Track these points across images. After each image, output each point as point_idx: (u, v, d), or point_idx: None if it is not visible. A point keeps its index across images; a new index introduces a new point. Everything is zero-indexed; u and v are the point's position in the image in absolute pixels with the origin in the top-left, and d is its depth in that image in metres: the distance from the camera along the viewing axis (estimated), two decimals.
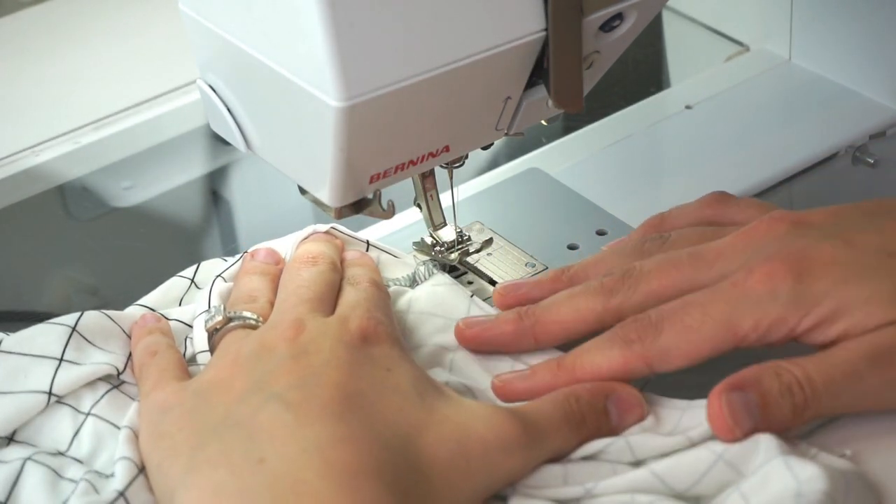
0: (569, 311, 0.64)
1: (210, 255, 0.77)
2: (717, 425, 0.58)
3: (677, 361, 0.61)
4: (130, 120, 0.94)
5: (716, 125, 0.87)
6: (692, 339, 0.61)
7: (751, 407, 0.58)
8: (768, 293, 0.60)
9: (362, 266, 0.70)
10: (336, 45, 0.57)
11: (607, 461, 0.59)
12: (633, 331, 0.62)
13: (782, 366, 0.59)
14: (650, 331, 0.61)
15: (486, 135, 0.68)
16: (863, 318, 0.59)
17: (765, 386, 0.59)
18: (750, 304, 0.60)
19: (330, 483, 0.54)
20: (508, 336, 0.65)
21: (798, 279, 0.60)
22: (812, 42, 0.90)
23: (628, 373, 0.62)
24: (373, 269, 0.70)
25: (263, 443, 0.56)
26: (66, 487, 0.60)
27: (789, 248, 0.62)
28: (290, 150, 0.65)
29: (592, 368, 0.62)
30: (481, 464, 0.57)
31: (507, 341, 0.65)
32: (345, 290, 0.67)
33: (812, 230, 0.63)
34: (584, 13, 0.62)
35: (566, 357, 0.63)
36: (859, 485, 0.57)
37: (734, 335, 0.60)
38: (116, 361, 0.65)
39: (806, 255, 0.61)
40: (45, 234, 0.94)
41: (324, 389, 0.58)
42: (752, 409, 0.58)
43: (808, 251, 0.61)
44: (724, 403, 0.58)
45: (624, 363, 0.62)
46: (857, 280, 0.60)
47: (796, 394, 0.59)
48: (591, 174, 0.82)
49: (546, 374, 0.63)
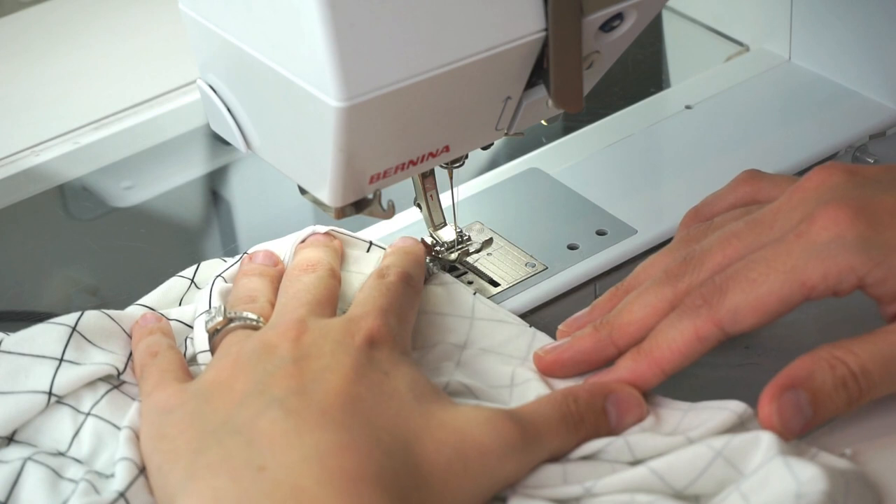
0: (642, 309, 0.63)
1: (210, 255, 0.77)
2: (769, 429, 0.58)
3: (748, 320, 0.59)
4: (130, 120, 0.94)
5: (716, 125, 0.87)
6: (760, 295, 0.59)
7: (802, 406, 0.57)
8: (835, 240, 0.58)
9: (404, 254, 0.69)
10: (336, 45, 0.57)
11: (606, 461, 0.59)
12: (699, 297, 0.60)
13: (836, 356, 0.58)
14: (716, 294, 0.60)
15: (486, 135, 0.68)
16: None
17: (817, 382, 0.58)
18: (816, 252, 0.59)
19: (330, 490, 0.54)
20: (589, 350, 0.64)
21: (867, 226, 0.58)
22: (812, 42, 0.90)
23: (703, 341, 0.60)
24: (415, 260, 0.69)
25: (264, 450, 0.56)
26: (66, 487, 0.60)
27: (851, 196, 0.60)
28: (290, 150, 0.65)
29: (669, 345, 0.60)
30: (479, 468, 0.57)
31: (588, 356, 0.64)
32: (367, 282, 0.66)
33: (869, 181, 0.61)
34: (584, 13, 0.62)
35: (643, 343, 0.62)
36: (859, 485, 0.57)
37: (802, 286, 0.59)
38: (117, 361, 0.65)
39: (869, 203, 0.59)
40: (45, 234, 0.94)
41: (324, 396, 0.58)
42: (803, 409, 0.57)
43: (871, 200, 0.59)
44: (775, 409, 0.57)
45: (695, 331, 0.60)
46: None
47: (851, 387, 0.58)
48: (591, 174, 0.82)
49: (630, 363, 0.62)
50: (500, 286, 0.73)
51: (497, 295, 0.72)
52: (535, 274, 0.73)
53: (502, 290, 0.73)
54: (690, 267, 0.62)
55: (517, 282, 0.73)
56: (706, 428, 0.59)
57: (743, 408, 0.60)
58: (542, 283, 0.73)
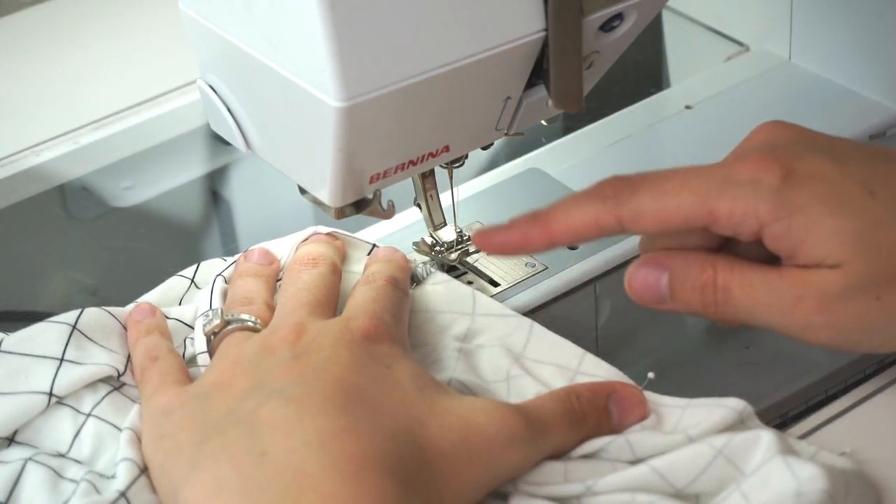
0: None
1: (210, 255, 0.77)
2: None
3: (648, 225, 0.61)
4: (130, 120, 0.94)
5: (716, 125, 0.87)
6: (666, 206, 0.60)
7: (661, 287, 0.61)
8: (751, 182, 0.60)
9: (386, 262, 0.69)
10: (336, 45, 0.57)
11: (607, 459, 0.59)
12: (610, 187, 0.61)
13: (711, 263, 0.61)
14: (626, 190, 0.61)
15: (486, 135, 0.68)
16: (818, 249, 0.59)
17: (680, 274, 0.61)
18: (731, 187, 0.60)
19: (333, 474, 0.54)
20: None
21: (783, 179, 0.59)
22: (812, 42, 0.90)
23: (599, 228, 0.61)
24: (397, 265, 0.69)
25: (265, 436, 0.56)
26: (66, 488, 0.60)
27: (783, 148, 0.61)
28: (289, 151, 0.65)
29: (566, 220, 0.62)
30: (484, 456, 0.57)
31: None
32: (356, 289, 0.67)
33: (810, 143, 0.62)
34: (584, 13, 0.62)
35: (542, 209, 0.63)
36: (859, 483, 0.58)
37: (709, 214, 0.60)
38: (117, 362, 0.65)
39: (796, 159, 0.60)
40: (45, 234, 0.94)
41: (325, 384, 0.58)
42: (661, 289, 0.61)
43: (799, 158, 0.60)
44: (632, 274, 0.62)
45: (596, 218, 0.61)
46: (833, 205, 0.59)
47: (707, 294, 0.60)
48: (591, 174, 0.82)
49: (522, 224, 0.63)
50: (500, 286, 0.73)
51: (497, 295, 0.72)
52: (535, 274, 0.73)
53: (502, 290, 0.73)
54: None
55: (517, 282, 0.73)
56: (706, 425, 0.59)
57: (742, 405, 0.60)
58: (542, 283, 0.73)
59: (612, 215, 0.61)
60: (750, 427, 0.60)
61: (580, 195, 0.62)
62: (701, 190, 0.60)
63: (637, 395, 0.61)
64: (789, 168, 0.60)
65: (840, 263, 0.58)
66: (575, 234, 0.62)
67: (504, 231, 0.63)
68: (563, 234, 0.62)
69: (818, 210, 0.59)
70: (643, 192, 0.60)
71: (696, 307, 0.61)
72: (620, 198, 0.61)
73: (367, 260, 0.70)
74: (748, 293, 0.60)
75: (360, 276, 0.69)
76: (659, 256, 0.62)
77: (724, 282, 0.60)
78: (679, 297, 0.61)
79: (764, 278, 0.60)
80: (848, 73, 0.88)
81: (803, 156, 0.60)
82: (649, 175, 0.61)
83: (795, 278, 0.59)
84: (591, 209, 0.61)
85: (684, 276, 0.61)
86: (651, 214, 0.60)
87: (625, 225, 0.61)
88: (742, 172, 0.60)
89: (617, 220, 0.61)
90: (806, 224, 0.59)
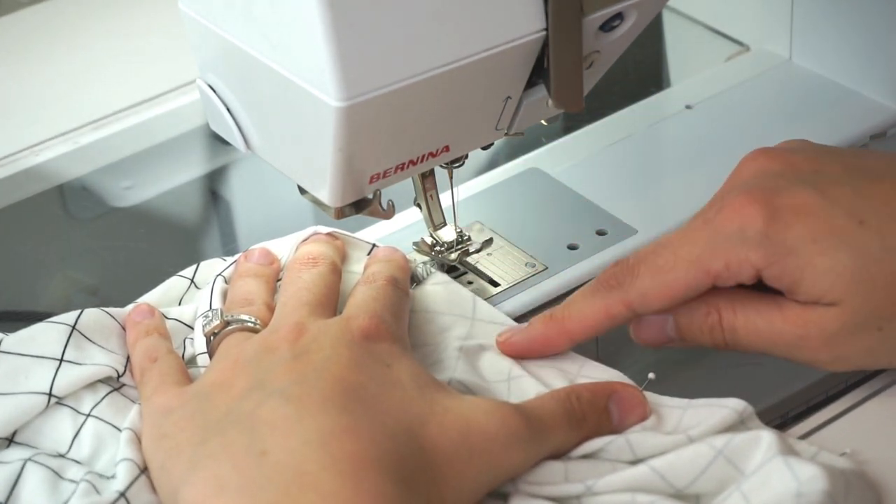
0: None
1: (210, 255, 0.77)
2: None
3: (656, 303, 0.62)
4: (130, 120, 0.94)
5: (716, 125, 0.87)
6: (667, 281, 0.61)
7: (666, 329, 0.63)
8: (737, 232, 0.60)
9: (386, 262, 0.69)
10: (336, 45, 0.57)
11: (607, 459, 0.59)
12: (613, 276, 0.63)
13: (714, 307, 0.62)
14: (628, 276, 0.62)
15: (486, 135, 0.68)
16: (815, 288, 0.59)
17: (685, 320, 0.62)
18: (719, 242, 0.61)
19: (333, 473, 0.54)
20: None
21: (769, 222, 0.60)
22: (812, 42, 0.90)
23: (611, 318, 0.63)
24: (397, 265, 0.69)
25: (265, 435, 0.56)
26: (66, 488, 0.60)
27: (766, 186, 0.61)
28: (289, 150, 0.65)
29: (580, 317, 0.64)
30: (484, 456, 0.57)
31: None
32: (356, 289, 0.67)
33: (794, 173, 0.62)
34: (584, 13, 0.62)
35: (556, 308, 0.65)
36: (860, 484, 0.57)
37: (707, 274, 0.61)
38: (116, 362, 0.65)
39: (780, 197, 0.61)
40: (45, 234, 0.94)
41: (325, 383, 0.58)
42: (667, 331, 0.63)
43: (783, 195, 0.61)
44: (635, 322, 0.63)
45: (606, 309, 0.63)
46: (824, 243, 0.59)
47: (717, 335, 0.62)
48: (591, 174, 0.82)
49: (539, 325, 0.65)
50: (500, 286, 0.73)
51: (497, 295, 0.72)
52: (535, 274, 0.73)
53: (502, 290, 0.73)
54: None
55: (517, 282, 0.73)
56: (706, 426, 0.59)
57: (743, 406, 0.60)
58: (542, 283, 0.73)
59: (621, 304, 0.63)
60: (750, 427, 0.60)
61: (588, 290, 0.64)
62: (692, 256, 0.61)
63: (637, 395, 0.61)
64: (773, 207, 0.60)
65: (837, 302, 0.59)
66: (592, 330, 0.64)
67: (525, 333, 0.65)
68: (580, 332, 0.64)
69: (809, 249, 0.59)
70: (643, 274, 0.62)
71: (706, 344, 0.62)
72: (624, 285, 0.62)
73: (367, 260, 0.70)
74: (753, 333, 0.61)
75: (360, 276, 0.69)
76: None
77: (729, 324, 0.62)
78: (688, 337, 0.63)
79: (766, 319, 0.61)
80: (848, 73, 0.88)
81: (786, 190, 0.61)
82: (643, 253, 0.63)
83: (797, 318, 0.60)
84: (601, 303, 0.63)
85: (689, 320, 0.62)
86: (655, 293, 0.62)
87: (635, 309, 0.63)
88: (726, 224, 0.61)
89: (627, 307, 0.63)
90: (799, 265, 0.59)
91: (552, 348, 0.65)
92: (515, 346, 0.65)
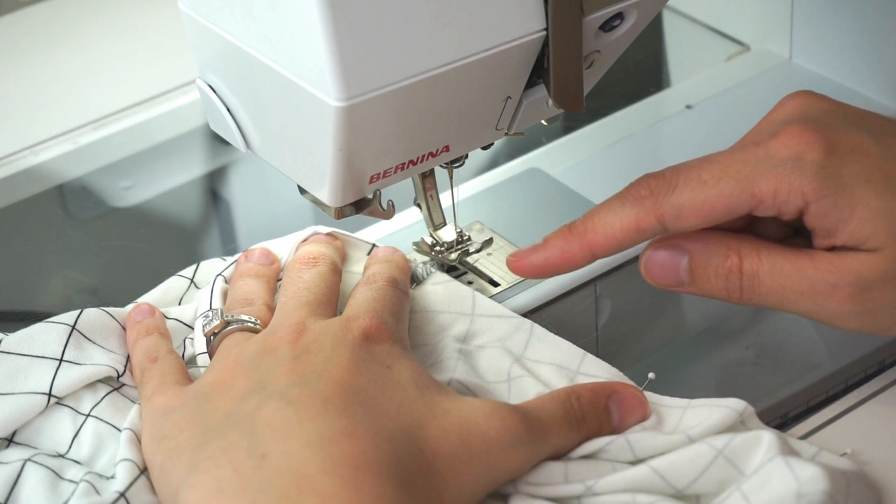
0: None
1: (210, 255, 0.77)
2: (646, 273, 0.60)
3: (691, 219, 0.59)
4: (130, 120, 0.94)
5: (716, 125, 0.87)
6: (708, 196, 0.58)
7: (679, 269, 0.59)
8: (793, 159, 0.58)
9: (386, 262, 0.69)
10: (336, 45, 0.57)
11: (607, 460, 0.59)
12: (646, 186, 0.60)
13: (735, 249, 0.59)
14: (664, 187, 0.59)
15: (486, 135, 0.68)
16: (861, 230, 0.57)
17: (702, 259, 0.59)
18: (772, 166, 0.58)
19: (333, 477, 0.53)
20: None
21: (826, 155, 0.57)
22: (812, 42, 0.90)
23: (640, 231, 0.60)
24: (397, 266, 0.69)
25: (265, 438, 0.56)
26: (66, 488, 0.60)
27: (822, 121, 0.59)
28: (289, 150, 0.65)
29: (605, 229, 0.60)
30: (483, 457, 0.57)
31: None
32: (356, 290, 0.67)
33: (846, 116, 0.60)
34: (584, 13, 0.62)
35: (577, 221, 0.61)
36: (860, 484, 0.57)
37: (752, 197, 0.58)
38: (116, 362, 0.65)
39: (836, 133, 0.58)
40: (45, 234, 0.94)
41: (325, 385, 0.58)
42: (680, 273, 0.59)
43: (839, 132, 0.58)
44: (648, 257, 0.60)
45: (636, 221, 0.59)
46: (877, 185, 0.57)
47: (732, 282, 0.58)
48: (591, 174, 0.82)
49: (558, 240, 0.61)
50: (500, 286, 0.73)
51: (497, 295, 0.72)
52: None
53: (502, 290, 0.73)
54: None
55: (517, 282, 0.73)
56: (706, 426, 0.59)
57: (743, 405, 0.60)
58: (542, 283, 0.73)
59: (653, 215, 0.59)
60: (750, 427, 0.60)
61: (614, 200, 0.60)
62: (741, 174, 0.58)
63: (637, 395, 0.61)
64: (831, 142, 0.58)
65: (879, 248, 0.57)
66: (617, 243, 0.60)
67: (541, 251, 0.61)
68: (605, 244, 0.60)
69: (863, 189, 0.57)
70: (681, 186, 0.59)
71: (718, 293, 0.59)
72: (658, 196, 0.59)
73: (367, 260, 0.70)
74: (778, 281, 0.58)
75: (361, 277, 0.69)
76: (677, 239, 0.60)
77: (752, 269, 0.59)
78: (700, 282, 0.60)
79: (795, 265, 0.58)
80: (848, 72, 0.88)
81: (842, 129, 0.59)
82: (683, 167, 0.59)
83: (830, 265, 0.57)
84: (630, 213, 0.59)
85: (706, 262, 0.59)
86: (693, 208, 0.58)
87: (666, 223, 0.59)
88: (782, 149, 0.58)
89: (658, 220, 0.59)
90: (850, 202, 0.57)
91: (571, 264, 0.61)
92: (530, 265, 0.61)
